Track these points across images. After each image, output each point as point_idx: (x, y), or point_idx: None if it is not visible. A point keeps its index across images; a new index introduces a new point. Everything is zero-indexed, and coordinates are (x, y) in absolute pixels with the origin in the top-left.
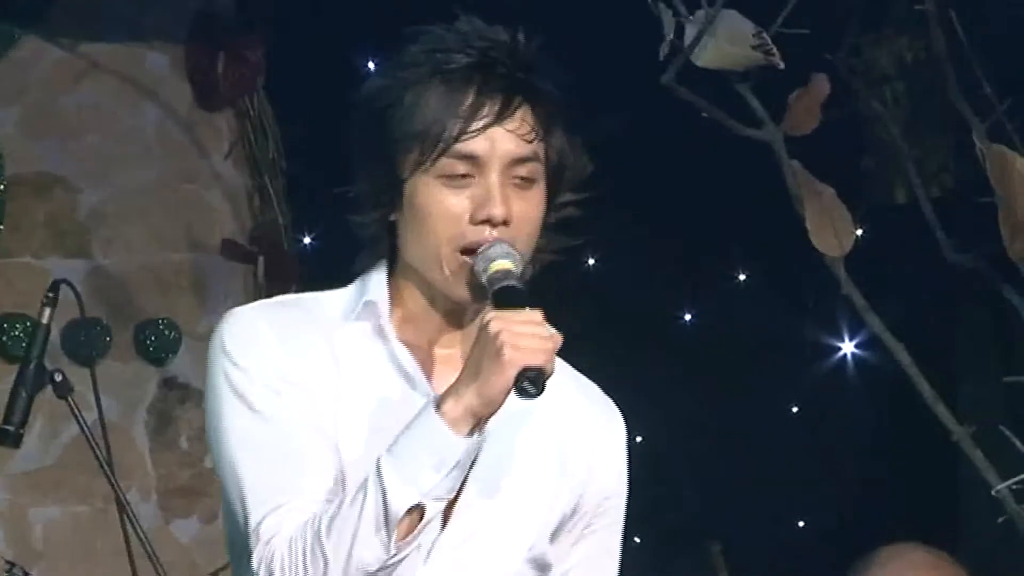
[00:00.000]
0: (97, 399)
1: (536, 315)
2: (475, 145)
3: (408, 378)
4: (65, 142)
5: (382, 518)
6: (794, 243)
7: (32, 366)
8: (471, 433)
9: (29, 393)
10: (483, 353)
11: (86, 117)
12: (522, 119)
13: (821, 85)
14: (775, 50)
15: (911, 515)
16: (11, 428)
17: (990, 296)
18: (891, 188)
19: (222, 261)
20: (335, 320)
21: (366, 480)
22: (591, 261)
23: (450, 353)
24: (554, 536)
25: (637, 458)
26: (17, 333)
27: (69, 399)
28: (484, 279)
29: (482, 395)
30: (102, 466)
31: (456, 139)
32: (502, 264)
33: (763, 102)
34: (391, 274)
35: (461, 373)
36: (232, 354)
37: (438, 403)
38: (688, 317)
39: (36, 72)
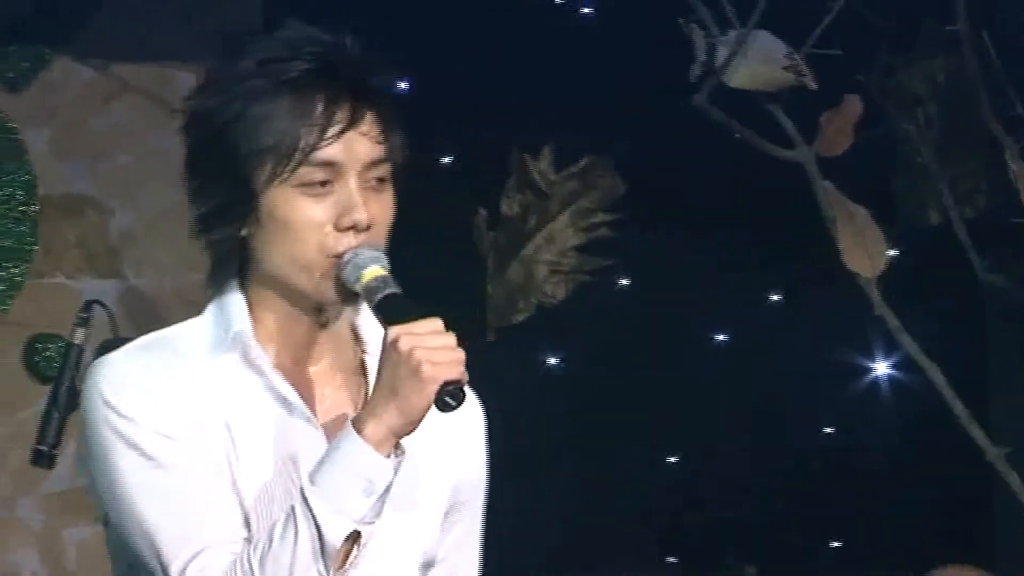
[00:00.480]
0: None
1: (439, 325)
2: (332, 151)
3: (285, 403)
4: (96, 163)
5: (319, 550)
6: (827, 263)
7: (65, 387)
8: (393, 452)
9: (62, 414)
10: (397, 372)
11: (117, 138)
12: (371, 122)
13: (854, 106)
14: (807, 71)
15: (946, 536)
16: (45, 449)
17: None
18: (924, 209)
19: None
20: (203, 355)
21: (292, 513)
22: (623, 282)
23: (319, 369)
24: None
25: (671, 480)
26: (50, 353)
27: None
28: (359, 287)
29: (404, 414)
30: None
31: (314, 147)
32: (375, 271)
33: (795, 123)
34: (244, 291)
35: (375, 394)
36: (115, 405)
37: (358, 427)
38: (721, 338)
39: (67, 93)
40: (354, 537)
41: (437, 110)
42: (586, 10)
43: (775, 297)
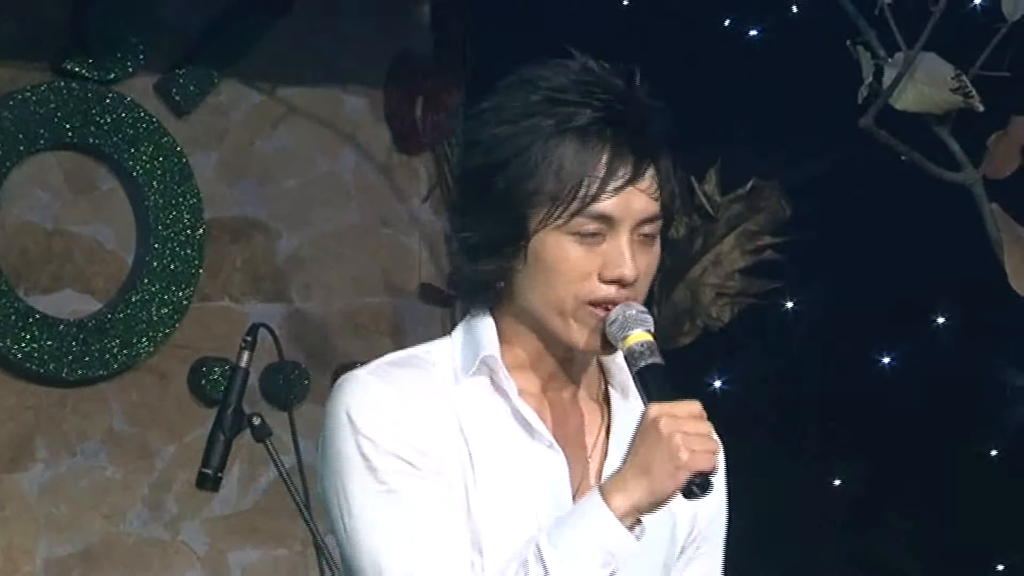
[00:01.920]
0: (295, 443)
1: (700, 412)
2: (609, 206)
3: (528, 428)
4: (263, 186)
5: None
6: (994, 286)
7: (230, 410)
8: (635, 527)
9: (228, 437)
10: (654, 452)
11: (284, 161)
12: (651, 177)
13: (1021, 128)
14: (974, 93)
15: None
16: (210, 472)
17: None
18: None
19: (420, 305)
20: (450, 376)
21: (524, 566)
22: (789, 305)
23: (560, 396)
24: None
25: (838, 503)
26: (216, 377)
27: (267, 443)
28: (622, 347)
29: (653, 494)
30: (300, 509)
31: (594, 199)
32: (641, 335)
33: (962, 145)
34: (495, 316)
35: (626, 468)
36: (358, 423)
37: (605, 498)
38: (887, 361)
39: (234, 116)
40: None
41: None
42: (753, 32)
43: (941, 320)
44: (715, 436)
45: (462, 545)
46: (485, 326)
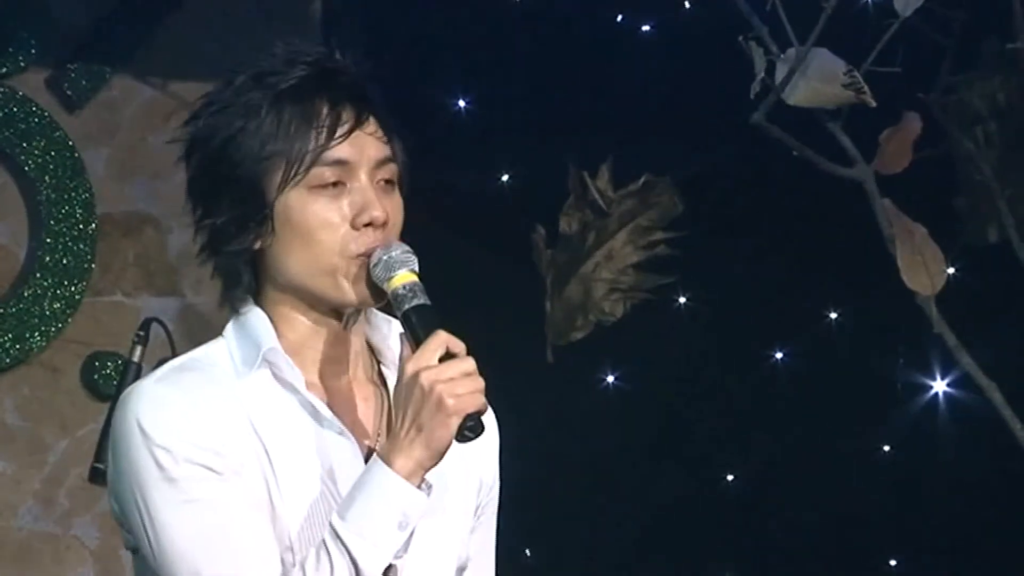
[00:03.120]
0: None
1: (455, 350)
2: (342, 151)
3: (318, 417)
4: (155, 181)
5: None
6: (886, 282)
7: None
8: (422, 484)
9: None
10: (421, 407)
11: (175, 157)
12: (375, 124)
13: (913, 124)
14: (867, 88)
15: (1005, 556)
16: (103, 466)
17: None
18: (983, 227)
19: None
20: (231, 374)
21: (324, 548)
22: (682, 300)
23: (343, 382)
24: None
25: (729, 499)
26: (108, 371)
27: None
28: (387, 288)
29: (431, 447)
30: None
31: (324, 147)
32: (405, 276)
33: (854, 141)
34: (264, 310)
35: (399, 428)
36: (151, 434)
37: (387, 462)
38: (779, 356)
39: (126, 112)
40: (388, 570)
41: (495, 128)
42: (645, 28)
43: (833, 315)
44: (477, 374)
45: (272, 544)
46: (258, 319)
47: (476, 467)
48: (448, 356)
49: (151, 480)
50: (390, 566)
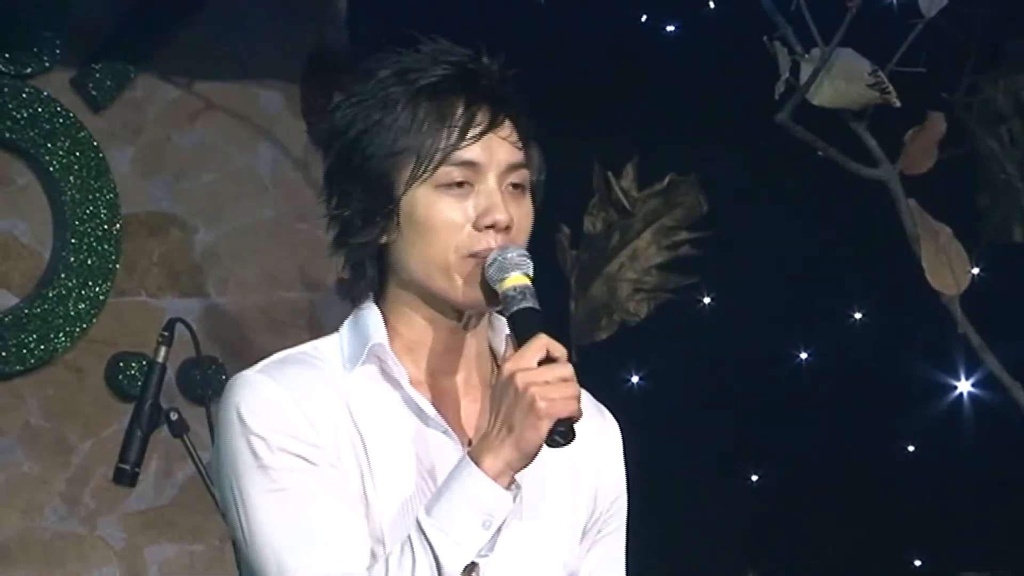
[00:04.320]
0: (213, 438)
1: (556, 355)
2: (472, 152)
3: (422, 415)
4: (180, 181)
5: None
6: (910, 282)
7: (147, 405)
8: (510, 486)
9: (145, 432)
10: (514, 408)
11: (200, 156)
12: (510, 127)
13: (937, 124)
14: (891, 88)
15: None
16: (127, 467)
17: None
18: (1007, 227)
19: (337, 300)
20: (339, 368)
21: (408, 543)
22: (706, 300)
23: (454, 382)
24: (578, 546)
25: (753, 497)
26: (132, 372)
27: (184, 438)
28: (498, 289)
29: (520, 449)
30: (217, 505)
31: (454, 147)
32: (517, 278)
33: (879, 141)
34: (380, 305)
35: (491, 428)
36: (249, 423)
37: (475, 460)
38: (804, 356)
39: (150, 111)
40: (471, 568)
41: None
42: (670, 28)
43: (858, 315)
44: (573, 380)
45: (361, 537)
46: (371, 316)
47: (589, 479)
48: (548, 360)
49: (246, 468)
50: (473, 564)
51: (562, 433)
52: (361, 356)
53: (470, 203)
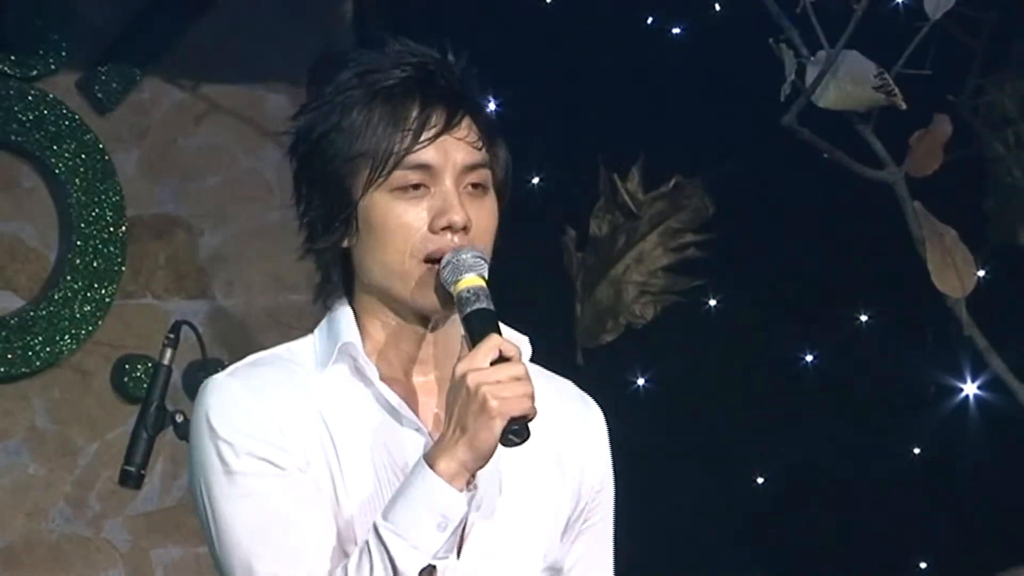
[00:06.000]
0: None
1: (508, 354)
2: (427, 155)
3: (394, 413)
4: (185, 183)
5: None
6: (916, 284)
7: (153, 407)
8: (466, 487)
9: (150, 434)
10: (466, 409)
11: (206, 158)
12: (468, 127)
13: (943, 126)
14: (897, 91)
15: None
16: (132, 469)
17: None
18: (1013, 229)
19: None
20: (311, 369)
21: (366, 547)
22: (712, 303)
23: (426, 380)
24: (562, 537)
25: (759, 500)
26: (138, 374)
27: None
28: (452, 291)
29: (474, 449)
30: None
31: (408, 150)
32: (471, 280)
33: (885, 143)
34: (353, 306)
35: (445, 430)
36: (216, 427)
37: (430, 463)
38: (810, 359)
39: (156, 114)
40: (429, 571)
41: (526, 130)
42: (676, 30)
43: (864, 318)
44: (526, 378)
45: (327, 541)
46: (344, 316)
47: (574, 470)
48: (500, 360)
49: (214, 473)
50: (432, 568)
51: (516, 432)
52: (332, 355)
53: (425, 206)
